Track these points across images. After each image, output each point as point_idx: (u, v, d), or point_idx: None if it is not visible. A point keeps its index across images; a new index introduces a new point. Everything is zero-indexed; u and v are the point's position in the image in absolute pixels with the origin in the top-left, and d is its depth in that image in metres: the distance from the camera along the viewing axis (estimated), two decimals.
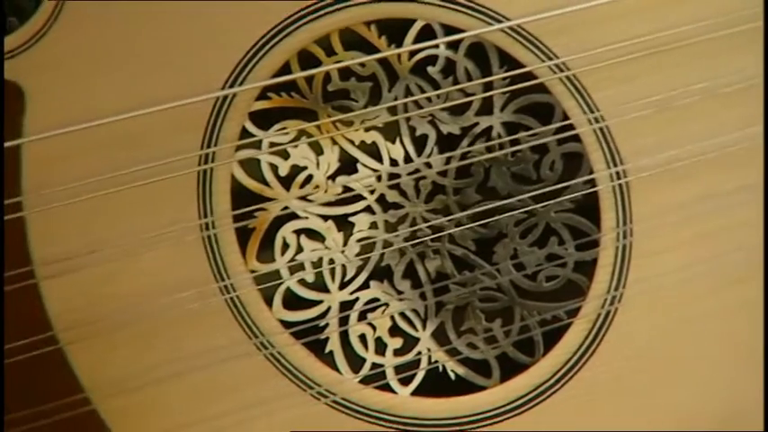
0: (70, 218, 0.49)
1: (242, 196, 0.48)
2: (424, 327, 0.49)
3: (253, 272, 0.48)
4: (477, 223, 0.49)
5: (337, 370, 0.49)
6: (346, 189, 0.49)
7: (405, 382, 0.49)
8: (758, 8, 0.48)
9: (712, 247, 0.47)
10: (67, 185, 0.50)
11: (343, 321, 0.49)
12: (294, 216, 0.49)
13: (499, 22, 0.45)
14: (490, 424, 0.48)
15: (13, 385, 0.52)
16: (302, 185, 0.49)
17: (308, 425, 0.51)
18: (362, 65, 0.48)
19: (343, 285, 0.49)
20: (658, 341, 0.48)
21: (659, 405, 0.48)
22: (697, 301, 0.47)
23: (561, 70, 0.46)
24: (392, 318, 0.49)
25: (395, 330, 0.49)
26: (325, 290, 0.49)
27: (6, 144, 0.53)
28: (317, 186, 0.49)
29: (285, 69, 0.47)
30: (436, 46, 0.48)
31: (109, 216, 0.48)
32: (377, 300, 0.49)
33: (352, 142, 0.48)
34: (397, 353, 0.49)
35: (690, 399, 0.49)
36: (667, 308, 0.47)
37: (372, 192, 0.49)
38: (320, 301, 0.49)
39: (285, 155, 0.48)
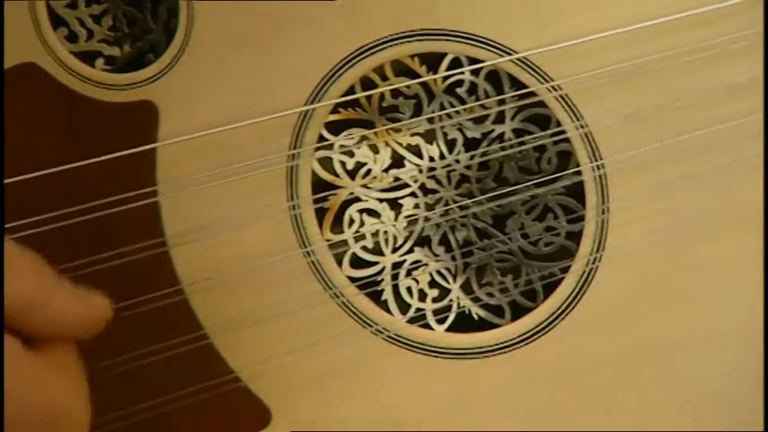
0: (193, 201, 0.51)
1: (319, 185, 0.51)
2: (455, 281, 0.52)
3: (327, 241, 0.51)
4: (494, 203, 0.52)
5: (390, 313, 0.52)
6: (396, 179, 0.52)
7: (440, 321, 0.52)
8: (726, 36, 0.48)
9: (669, 219, 0.49)
10: (191, 177, 0.50)
11: (394, 277, 0.52)
12: (358, 199, 0.52)
13: (509, 54, 0.48)
14: (504, 351, 0.51)
15: (147, 325, 0.50)
16: (364, 176, 0.52)
17: (368, 353, 0.51)
18: (408, 87, 0.51)
19: (394, 250, 0.52)
20: (629, 290, 0.50)
21: (632, 334, 0.49)
22: (659, 261, 0.49)
23: (556, 90, 0.48)
24: (430, 274, 0.52)
25: (432, 284, 0.52)
26: (381, 254, 0.52)
27: (144, 147, 0.50)
28: (374, 177, 0.52)
29: (351, 91, 0.50)
30: (463, 72, 0.50)
31: (221, 200, 0.51)
32: (419, 261, 0.52)
33: (400, 144, 0.51)
34: (434, 300, 0.52)
35: (658, 327, 0.50)
36: (635, 266, 0.49)
37: (416, 181, 0.52)
38: (377, 263, 0.52)
39: (351, 154, 0.51)
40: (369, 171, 0.53)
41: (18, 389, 0.42)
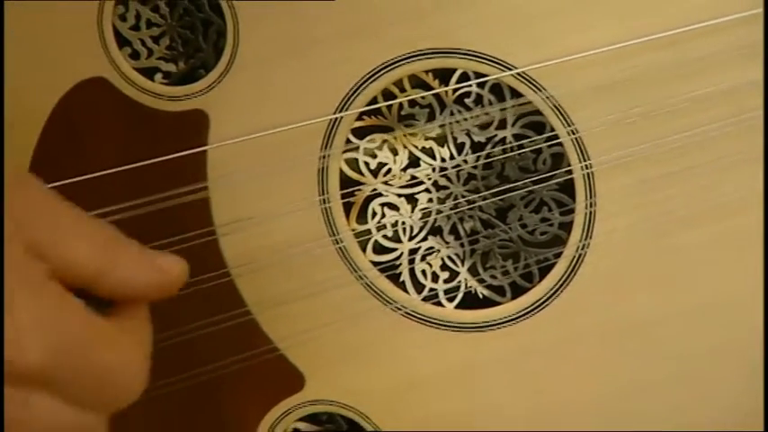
0: (238, 196, 0.51)
1: (346, 182, 0.52)
2: (463, 264, 0.53)
3: (353, 230, 0.52)
4: (497, 198, 0.53)
5: (407, 292, 0.53)
6: (413, 177, 0.53)
7: (450, 300, 0.53)
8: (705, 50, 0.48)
9: (648, 211, 0.50)
10: (236, 175, 0.51)
11: (411, 261, 0.53)
12: (379, 194, 0.53)
13: (510, 69, 0.49)
14: (505, 325, 0.52)
15: (199, 303, 0.51)
16: (384, 175, 0.53)
17: (388, 327, 0.52)
18: (423, 98, 0.52)
19: (410, 238, 0.53)
20: (613, 272, 0.50)
21: (616, 310, 0.50)
22: (639, 247, 0.50)
23: (550, 100, 0.49)
24: (442, 259, 0.54)
25: (444, 267, 0.54)
26: (399, 241, 0.53)
27: (196, 150, 0.51)
28: (394, 175, 0.53)
29: (374, 101, 0.51)
30: (470, 85, 0.51)
31: (262, 195, 0.51)
32: (432, 248, 0.53)
33: (416, 147, 0.53)
34: (445, 281, 0.53)
35: (640, 304, 0.51)
36: (618, 252, 0.50)
37: (429, 179, 0.53)
38: (396, 249, 0.53)
39: (373, 155, 0.52)
40: (389, 170, 0.53)
41: (78, 348, 0.40)
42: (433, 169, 0.53)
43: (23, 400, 0.38)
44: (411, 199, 0.54)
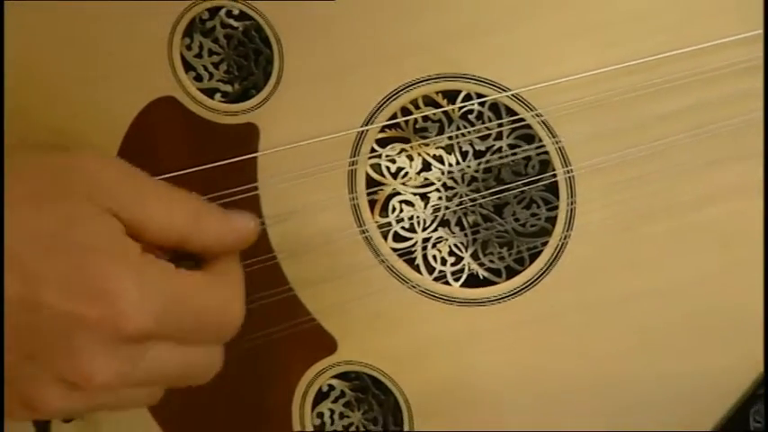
0: (282, 193, 0.53)
1: (371, 182, 0.54)
2: (466, 251, 0.54)
3: (376, 222, 0.54)
4: (494, 197, 0.54)
5: (421, 274, 0.54)
6: (425, 179, 0.54)
7: (456, 280, 0.54)
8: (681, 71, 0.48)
9: (617, 208, 0.51)
10: (282, 176, 0.52)
11: (424, 248, 0.54)
12: (398, 193, 0.54)
13: (505, 91, 0.50)
14: (501, 301, 0.53)
15: (251, 282, 0.49)
16: (402, 177, 0.54)
17: (405, 302, 0.53)
18: (434, 114, 0.53)
19: (423, 230, 0.54)
20: (590, 258, 0.51)
21: (595, 287, 0.51)
22: (610, 237, 0.51)
23: (538, 117, 0.50)
24: (449, 246, 0.54)
25: (451, 253, 0.54)
26: (414, 232, 0.54)
27: (249, 156, 0.52)
28: (410, 178, 0.54)
29: (394, 116, 0.52)
30: (473, 104, 0.52)
31: (302, 192, 0.53)
32: (441, 237, 0.54)
33: (428, 154, 0.54)
34: (452, 265, 0.54)
35: (617, 282, 0.51)
36: (594, 241, 0.51)
37: (439, 180, 0.54)
38: (412, 238, 0.54)
39: (393, 161, 0.54)
40: (406, 173, 0.54)
41: (178, 298, 0.42)
42: (442, 173, 0.54)
43: (138, 351, 0.41)
44: (424, 197, 0.54)
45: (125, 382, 0.41)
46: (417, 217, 0.54)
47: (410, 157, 0.54)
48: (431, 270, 0.54)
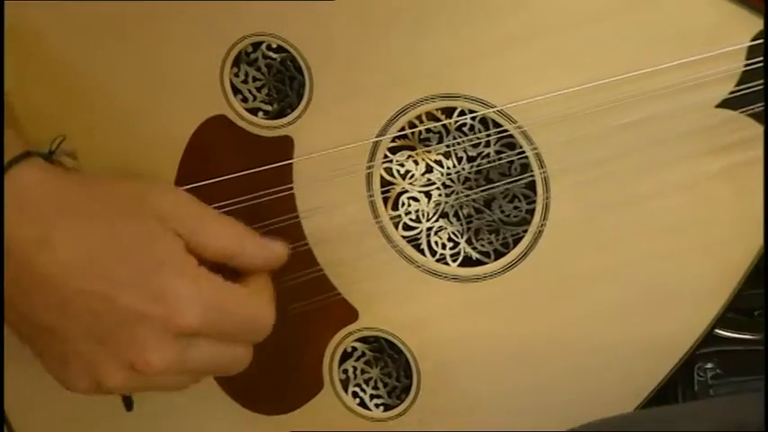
0: (313, 192, 0.54)
1: (384, 182, 0.55)
2: (462, 237, 0.55)
3: (389, 215, 0.55)
4: (484, 193, 0.55)
5: (425, 256, 0.55)
6: (429, 180, 0.55)
7: (453, 261, 0.55)
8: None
9: (585, 202, 0.52)
10: (313, 177, 0.53)
11: (428, 236, 0.55)
12: (406, 191, 0.55)
13: (492, 107, 0.51)
14: (490, 278, 0.54)
15: (287, 264, 0.52)
16: (410, 178, 0.55)
17: (413, 279, 0.54)
18: (435, 127, 0.54)
19: (427, 221, 0.55)
20: (562, 242, 0.52)
21: (565, 264, 0.52)
22: (580, 225, 0.52)
23: (519, 128, 0.51)
24: (448, 234, 0.55)
25: (449, 239, 0.55)
26: (420, 222, 0.55)
27: (285, 162, 0.53)
28: (416, 178, 0.56)
29: (403, 129, 0.53)
30: (466, 118, 0.53)
31: (330, 190, 0.54)
32: (442, 226, 0.55)
33: (431, 159, 0.55)
34: (450, 249, 0.55)
35: (586, 259, 0.52)
36: (566, 230, 0.52)
37: (440, 180, 0.55)
38: (418, 227, 0.55)
39: (402, 165, 0.55)
40: (413, 175, 0.55)
41: (222, 305, 0.45)
42: (442, 174, 0.55)
43: (188, 344, 0.44)
44: (427, 194, 0.55)
45: (174, 370, 0.44)
46: (422, 210, 0.55)
47: (416, 162, 0.54)
48: (433, 253, 0.55)
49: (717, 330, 0.52)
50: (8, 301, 0.42)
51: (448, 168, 0.54)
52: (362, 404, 0.57)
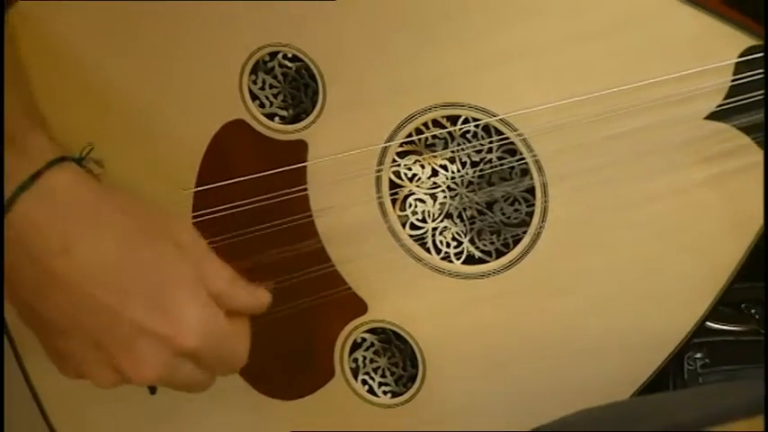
0: (325, 192, 0.55)
1: (392, 185, 0.56)
2: (466, 237, 0.56)
3: (397, 215, 0.56)
4: (486, 196, 0.56)
5: (431, 254, 0.56)
6: (435, 183, 0.57)
7: (457, 258, 0.57)
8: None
9: (581, 206, 0.53)
10: (326, 180, 0.54)
11: (433, 235, 0.56)
12: (413, 193, 0.56)
13: (494, 116, 0.52)
14: (492, 275, 0.55)
15: (301, 260, 0.55)
16: (417, 181, 0.56)
17: (419, 276, 0.55)
18: (440, 133, 0.55)
19: (433, 221, 0.57)
20: (559, 243, 0.53)
21: (562, 263, 0.54)
22: (576, 228, 0.53)
23: (520, 135, 0.52)
24: (452, 234, 0.56)
25: (453, 239, 0.56)
26: (426, 222, 0.56)
27: (299, 165, 0.54)
28: (422, 181, 0.57)
29: (410, 135, 0.54)
30: (470, 125, 0.53)
31: (341, 192, 0.55)
32: (446, 227, 0.56)
33: (436, 164, 0.55)
34: (454, 248, 0.56)
35: (581, 258, 0.54)
36: (563, 231, 0.53)
37: (445, 183, 0.56)
38: (424, 227, 0.56)
39: (410, 169, 0.56)
40: (419, 178, 0.56)
41: (217, 336, 0.46)
42: (447, 178, 0.56)
43: (178, 363, 0.45)
44: (433, 196, 0.56)
45: (159, 384, 0.45)
46: (428, 211, 0.56)
47: (422, 166, 0.56)
48: (438, 252, 0.56)
49: (706, 323, 0.54)
50: (19, 290, 0.43)
51: (452, 172, 0.55)
52: (371, 391, 0.58)
